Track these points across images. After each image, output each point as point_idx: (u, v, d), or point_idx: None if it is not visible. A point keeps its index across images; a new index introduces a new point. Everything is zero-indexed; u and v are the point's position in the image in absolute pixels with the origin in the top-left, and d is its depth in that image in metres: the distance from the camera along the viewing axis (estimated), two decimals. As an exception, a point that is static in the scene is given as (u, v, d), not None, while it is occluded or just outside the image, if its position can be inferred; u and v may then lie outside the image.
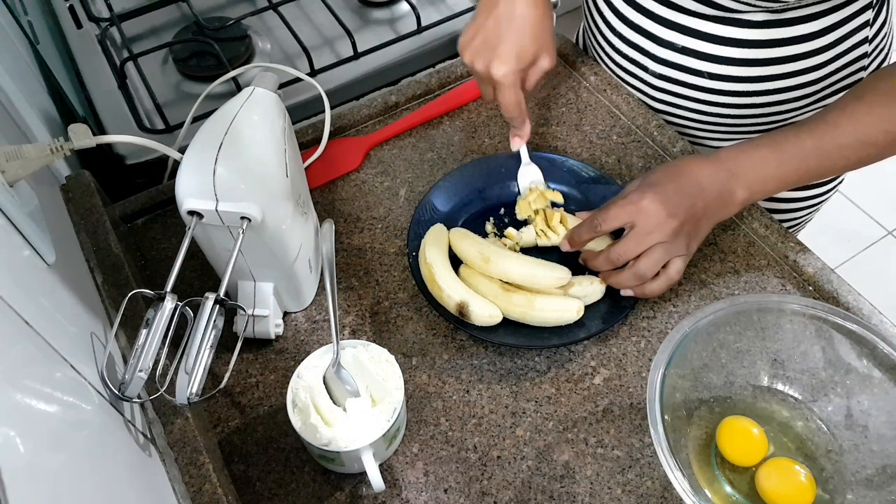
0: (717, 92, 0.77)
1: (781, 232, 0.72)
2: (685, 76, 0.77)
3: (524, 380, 0.66)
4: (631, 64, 0.81)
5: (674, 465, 0.51)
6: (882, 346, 0.56)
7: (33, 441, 0.36)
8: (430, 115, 0.85)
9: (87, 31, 0.96)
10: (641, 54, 0.79)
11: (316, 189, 0.79)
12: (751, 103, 0.77)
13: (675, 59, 0.76)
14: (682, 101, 0.80)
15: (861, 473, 0.56)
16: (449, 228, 0.71)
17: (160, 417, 0.59)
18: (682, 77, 0.77)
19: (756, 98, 0.76)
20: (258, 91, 0.59)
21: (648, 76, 0.80)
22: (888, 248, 1.90)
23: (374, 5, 1.00)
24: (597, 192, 0.75)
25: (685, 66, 0.76)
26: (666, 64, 0.78)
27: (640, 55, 0.79)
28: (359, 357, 0.60)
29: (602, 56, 0.87)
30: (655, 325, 0.69)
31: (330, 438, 0.56)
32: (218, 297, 0.55)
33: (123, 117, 0.86)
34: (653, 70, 0.79)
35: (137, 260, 0.75)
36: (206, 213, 0.56)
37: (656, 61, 0.78)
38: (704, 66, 0.75)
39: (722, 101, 0.78)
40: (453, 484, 0.60)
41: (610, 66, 0.86)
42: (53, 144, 0.57)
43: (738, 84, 0.75)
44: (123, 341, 0.62)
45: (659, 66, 0.78)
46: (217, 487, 0.56)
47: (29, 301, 0.45)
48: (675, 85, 0.79)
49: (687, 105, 0.80)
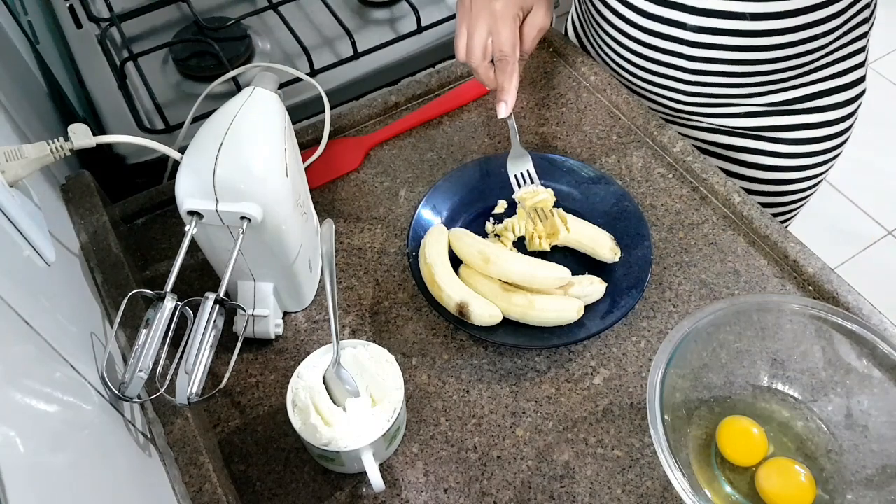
0: (758, 34, 0.74)
1: (781, 232, 0.72)
2: (726, 22, 0.73)
3: (524, 380, 0.66)
4: (665, 24, 0.77)
5: (674, 465, 0.51)
6: (882, 346, 0.56)
7: (33, 441, 0.36)
8: (429, 115, 0.85)
9: (87, 31, 0.96)
10: (677, 10, 0.75)
11: (316, 189, 0.79)
12: (786, 42, 0.74)
13: (714, 6, 0.73)
14: (720, 54, 0.77)
15: (861, 473, 0.56)
16: (449, 228, 0.71)
17: (160, 417, 0.59)
18: (722, 24, 0.74)
19: (790, 35, 0.74)
20: (258, 91, 0.59)
21: (686, 32, 0.76)
22: (888, 248, 1.90)
23: (374, 5, 1.00)
24: (597, 192, 0.75)
25: (727, 12, 0.73)
26: (704, 13, 0.74)
27: (676, 11, 0.75)
28: (359, 357, 0.60)
29: (616, 26, 0.82)
30: (655, 325, 0.69)
31: (330, 438, 0.56)
32: (218, 297, 0.55)
33: (123, 117, 0.86)
34: (692, 24, 0.75)
35: (137, 260, 0.75)
36: (206, 213, 0.56)
37: (695, 13, 0.74)
38: (745, 6, 0.72)
39: (761, 43, 0.75)
40: (453, 484, 0.60)
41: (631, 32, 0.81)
42: (53, 144, 0.57)
43: (779, 21, 0.73)
44: (123, 341, 0.63)
45: (698, 17, 0.74)
46: (217, 487, 0.56)
47: (29, 301, 0.45)
48: (714, 35, 0.75)
49: (727, 57, 0.77)
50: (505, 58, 0.71)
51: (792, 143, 0.85)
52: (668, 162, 0.80)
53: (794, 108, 0.83)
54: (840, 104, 0.83)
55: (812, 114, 0.83)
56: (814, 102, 0.82)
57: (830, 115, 0.83)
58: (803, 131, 0.84)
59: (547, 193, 0.74)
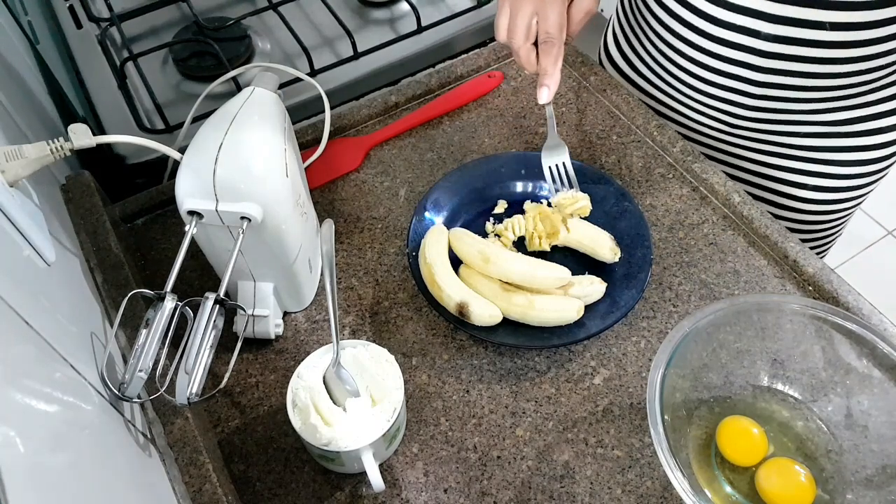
0: (837, 45, 0.69)
1: (781, 232, 0.72)
2: (804, 32, 0.69)
3: (524, 380, 0.66)
4: (736, 32, 0.72)
5: (674, 465, 0.51)
6: (882, 346, 0.56)
7: (33, 441, 0.36)
8: (430, 115, 0.85)
9: (87, 31, 0.96)
10: (752, 16, 0.70)
11: (316, 189, 0.79)
12: (861, 55, 0.70)
13: (793, 14, 0.68)
14: (795, 66, 0.72)
15: (861, 473, 0.56)
16: (449, 228, 0.71)
17: (160, 417, 0.59)
18: (799, 34, 0.69)
19: (869, 48, 0.69)
20: (258, 91, 0.60)
21: (760, 42, 0.71)
22: (888, 248, 1.90)
23: (374, 5, 1.00)
24: (597, 192, 0.75)
25: (804, 20, 0.68)
26: (781, 21, 0.69)
27: (750, 18, 0.70)
28: (359, 357, 0.60)
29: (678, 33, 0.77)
30: (655, 325, 0.69)
31: (330, 438, 0.56)
32: (218, 297, 0.55)
33: (123, 117, 0.86)
34: (766, 33, 0.70)
35: (137, 260, 0.75)
36: (206, 213, 0.56)
37: (771, 20, 0.69)
38: (826, 15, 0.67)
39: (837, 55, 0.70)
40: (453, 484, 0.60)
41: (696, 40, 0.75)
42: (53, 144, 0.57)
43: (858, 32, 0.68)
44: (123, 341, 0.63)
45: (774, 25, 0.69)
46: (217, 487, 0.56)
47: (29, 301, 0.45)
48: (790, 45, 0.70)
49: (801, 69, 0.72)
50: (551, 40, 0.69)
51: (846, 165, 0.82)
52: (668, 162, 0.80)
53: (852, 131, 0.79)
54: (893, 127, 0.79)
55: (869, 136, 0.79)
56: (868, 125, 0.79)
57: (881, 137, 0.80)
58: (859, 153, 0.81)
59: (586, 199, 0.73)
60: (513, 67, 0.90)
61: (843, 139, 0.80)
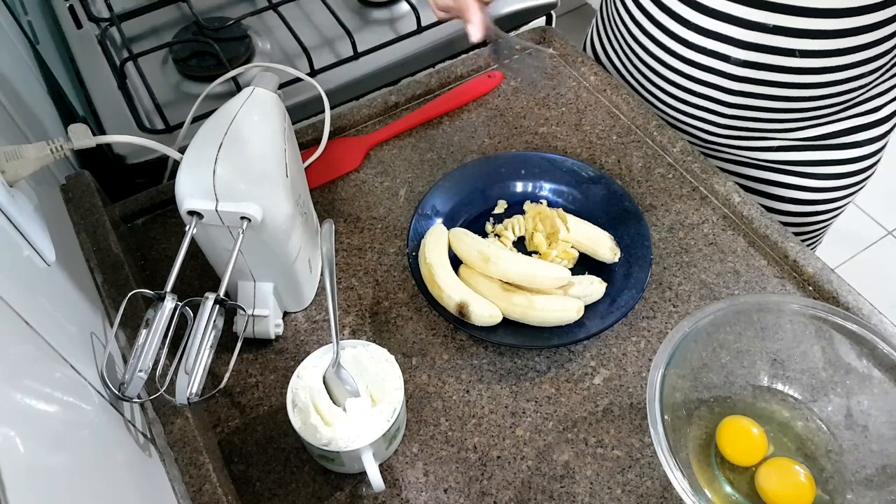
0: (803, 71, 0.72)
1: (781, 232, 0.72)
2: (773, 58, 0.71)
3: (524, 380, 0.66)
4: (708, 56, 0.74)
5: (674, 465, 0.51)
6: (882, 346, 0.56)
7: (33, 441, 0.36)
8: (430, 115, 0.85)
9: (87, 31, 0.96)
10: (723, 42, 0.72)
11: (316, 189, 0.79)
12: (832, 80, 0.72)
13: (763, 41, 0.71)
14: (762, 89, 0.75)
15: (861, 473, 0.56)
16: (449, 228, 0.71)
17: (160, 417, 0.59)
18: (769, 60, 0.72)
19: (837, 74, 0.72)
20: (258, 91, 0.59)
21: (729, 66, 0.74)
22: (888, 248, 1.90)
23: (374, 5, 1.00)
24: (597, 192, 0.75)
25: (774, 48, 0.71)
26: (752, 48, 0.71)
27: (720, 44, 0.73)
28: (359, 357, 0.60)
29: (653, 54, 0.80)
30: (655, 325, 0.69)
31: (330, 438, 0.56)
32: (218, 297, 0.55)
33: (123, 117, 0.86)
34: (735, 58, 0.73)
35: (137, 260, 0.75)
36: (206, 213, 0.56)
37: (742, 46, 0.72)
38: (796, 43, 0.70)
39: (807, 80, 0.73)
40: (453, 484, 0.60)
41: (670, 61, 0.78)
42: (53, 144, 0.57)
43: (827, 59, 0.70)
44: (123, 341, 0.63)
45: (743, 51, 0.72)
46: (217, 487, 0.56)
47: (29, 301, 0.45)
48: (759, 71, 0.73)
49: (767, 92, 0.75)
50: None
51: (822, 178, 0.83)
52: (668, 162, 0.80)
53: (826, 144, 0.81)
54: (874, 139, 0.81)
55: (844, 150, 0.81)
56: (848, 138, 0.80)
57: (863, 150, 0.81)
58: (835, 167, 0.82)
59: None
60: (513, 67, 0.90)
61: (818, 152, 0.82)
